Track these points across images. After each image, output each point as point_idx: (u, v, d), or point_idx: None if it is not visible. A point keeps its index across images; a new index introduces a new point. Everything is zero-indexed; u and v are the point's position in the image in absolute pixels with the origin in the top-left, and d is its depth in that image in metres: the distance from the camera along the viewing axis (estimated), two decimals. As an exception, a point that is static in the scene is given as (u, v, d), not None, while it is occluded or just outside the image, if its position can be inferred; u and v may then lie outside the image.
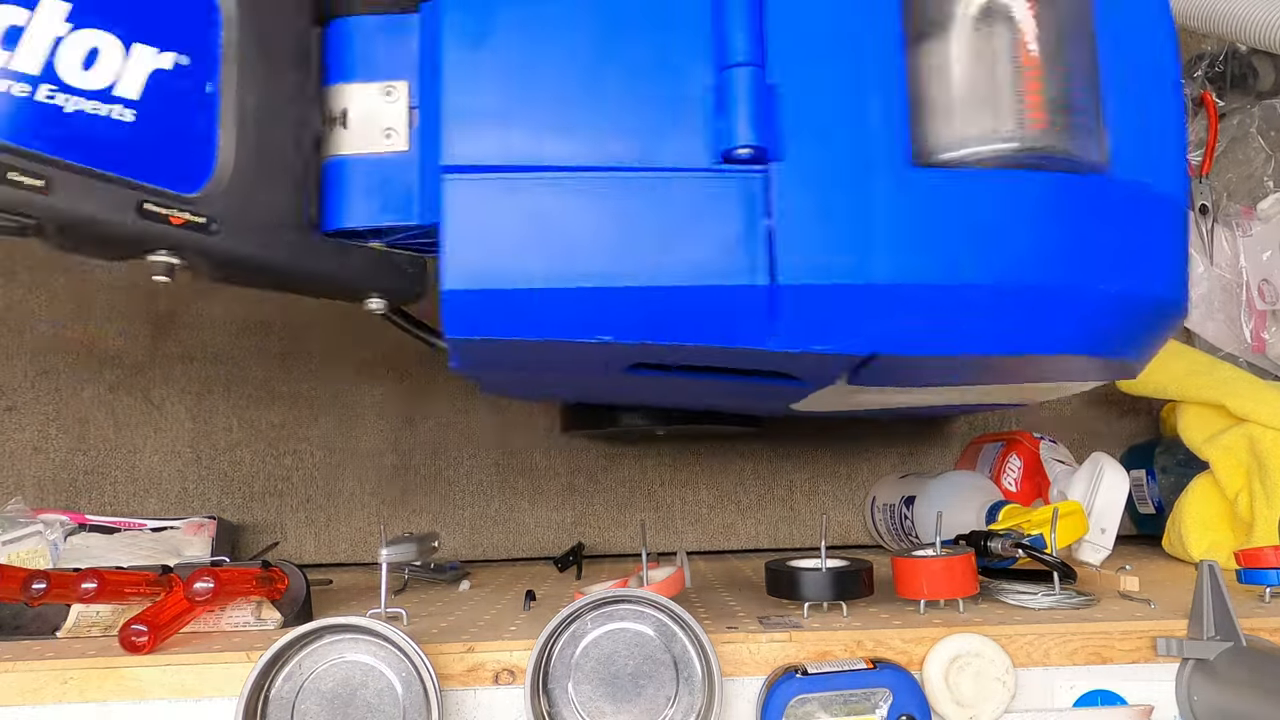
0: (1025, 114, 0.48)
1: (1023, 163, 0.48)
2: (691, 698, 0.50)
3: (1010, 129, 0.48)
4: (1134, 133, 0.51)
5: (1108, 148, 0.50)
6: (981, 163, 0.48)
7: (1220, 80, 1.04)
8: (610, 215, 0.47)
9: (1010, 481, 0.87)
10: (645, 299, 0.47)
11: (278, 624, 0.60)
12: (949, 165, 0.48)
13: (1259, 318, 0.99)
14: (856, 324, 0.48)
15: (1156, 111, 0.52)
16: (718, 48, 0.48)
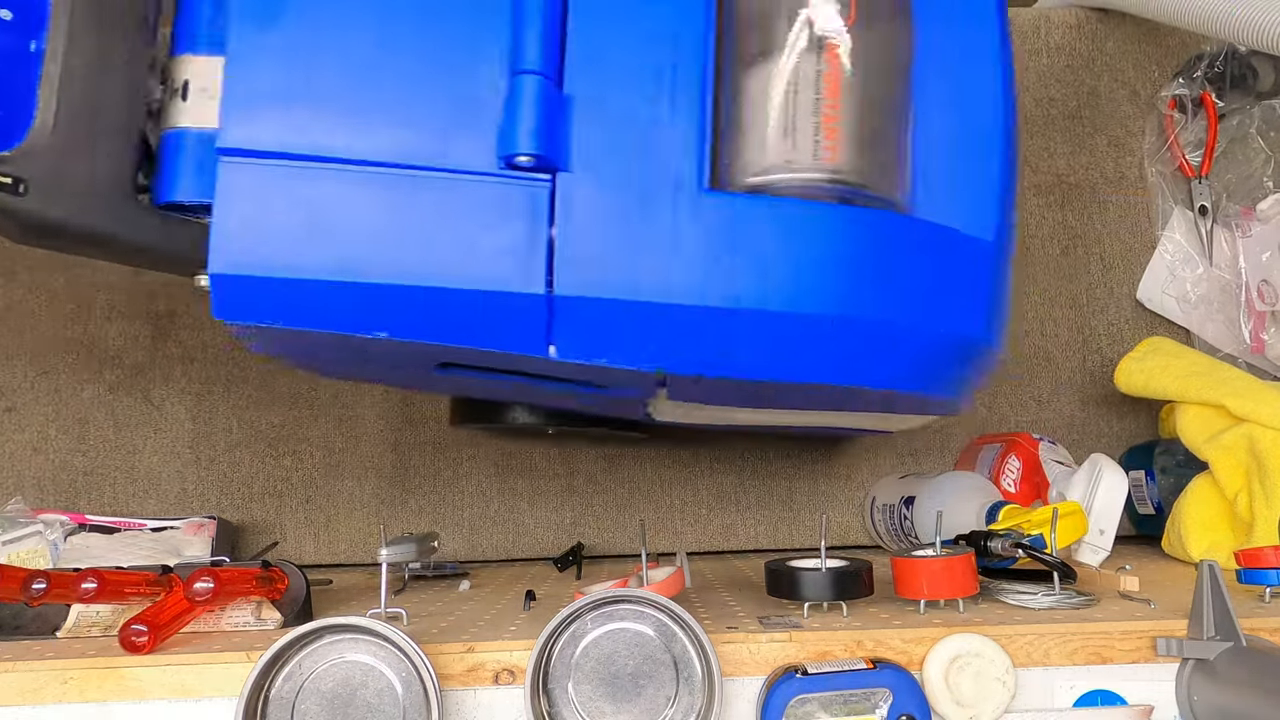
0: (821, 146, 0.48)
1: (815, 194, 0.48)
2: (691, 698, 0.50)
3: (805, 160, 0.48)
4: (944, 176, 0.51)
5: (909, 188, 0.51)
6: (777, 191, 0.48)
7: (1220, 81, 1.04)
8: (390, 211, 0.47)
9: (1009, 482, 0.87)
10: (423, 298, 0.47)
11: (278, 624, 0.60)
12: (751, 190, 0.49)
13: (1258, 318, 0.99)
14: (637, 340, 0.48)
15: (974, 158, 0.52)
16: (512, 53, 0.48)
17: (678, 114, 0.48)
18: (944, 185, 0.51)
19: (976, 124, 0.52)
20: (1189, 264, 1.02)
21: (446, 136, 0.48)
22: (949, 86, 0.52)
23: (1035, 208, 1.04)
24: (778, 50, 0.49)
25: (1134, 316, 1.03)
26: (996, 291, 0.53)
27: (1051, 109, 1.06)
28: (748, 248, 0.47)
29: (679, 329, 0.47)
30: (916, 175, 0.51)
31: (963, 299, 0.51)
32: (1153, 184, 1.04)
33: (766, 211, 0.47)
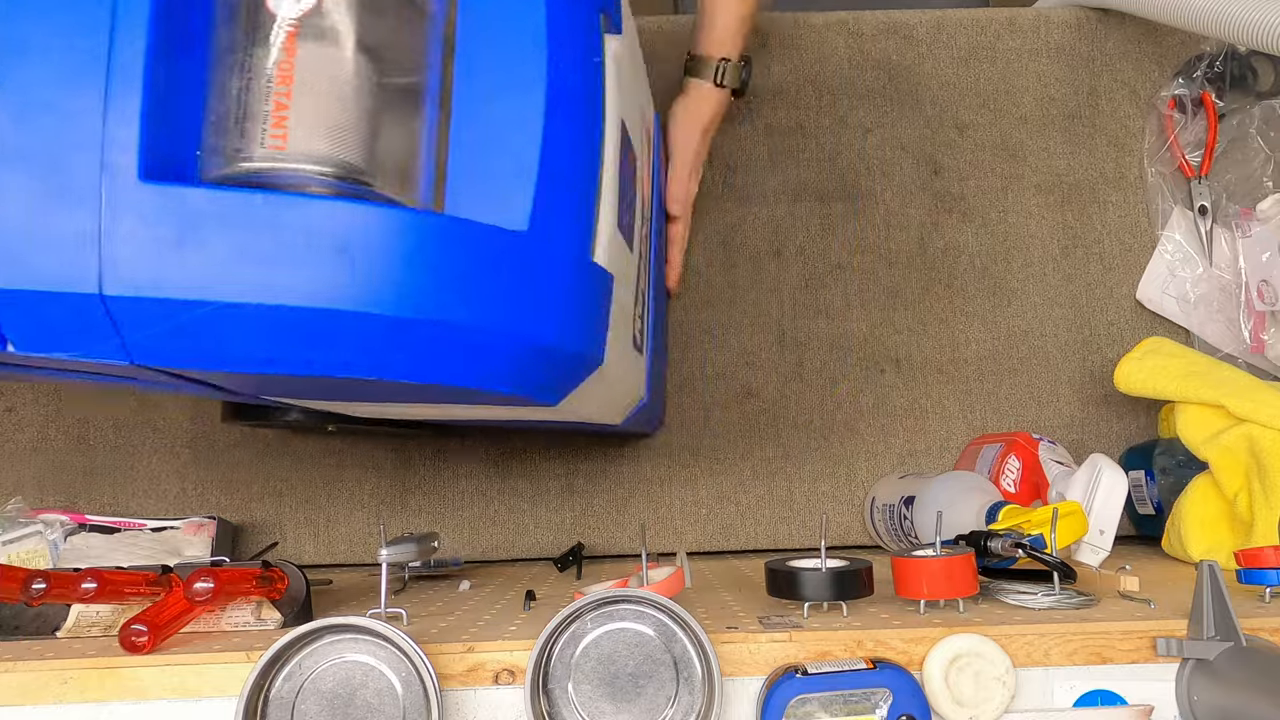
0: (268, 135, 0.47)
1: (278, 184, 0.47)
2: (691, 698, 0.50)
3: (255, 149, 0.47)
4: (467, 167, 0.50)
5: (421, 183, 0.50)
6: (238, 181, 0.47)
7: (1220, 81, 1.04)
8: None
9: (1009, 482, 0.87)
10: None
11: (278, 624, 0.60)
12: (221, 182, 0.47)
13: (1258, 319, 0.99)
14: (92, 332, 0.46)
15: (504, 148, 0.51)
16: None
17: (112, 103, 0.45)
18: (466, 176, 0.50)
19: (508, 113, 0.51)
20: (1189, 264, 1.02)
21: None
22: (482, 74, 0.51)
23: (1035, 208, 1.05)
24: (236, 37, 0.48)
25: (1134, 316, 1.03)
26: (546, 282, 0.52)
27: (1051, 109, 1.06)
28: (200, 237, 0.45)
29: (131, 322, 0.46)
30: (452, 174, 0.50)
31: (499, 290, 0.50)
32: (1153, 184, 1.04)
33: (210, 200, 0.45)
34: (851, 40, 1.07)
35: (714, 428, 1.00)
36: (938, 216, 1.04)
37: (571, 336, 0.53)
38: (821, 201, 1.04)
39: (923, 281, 1.03)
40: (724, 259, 1.03)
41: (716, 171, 1.04)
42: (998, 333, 1.03)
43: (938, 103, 1.06)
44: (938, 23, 1.08)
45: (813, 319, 1.02)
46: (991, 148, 1.05)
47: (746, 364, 1.01)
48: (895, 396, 1.01)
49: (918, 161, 1.05)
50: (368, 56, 0.49)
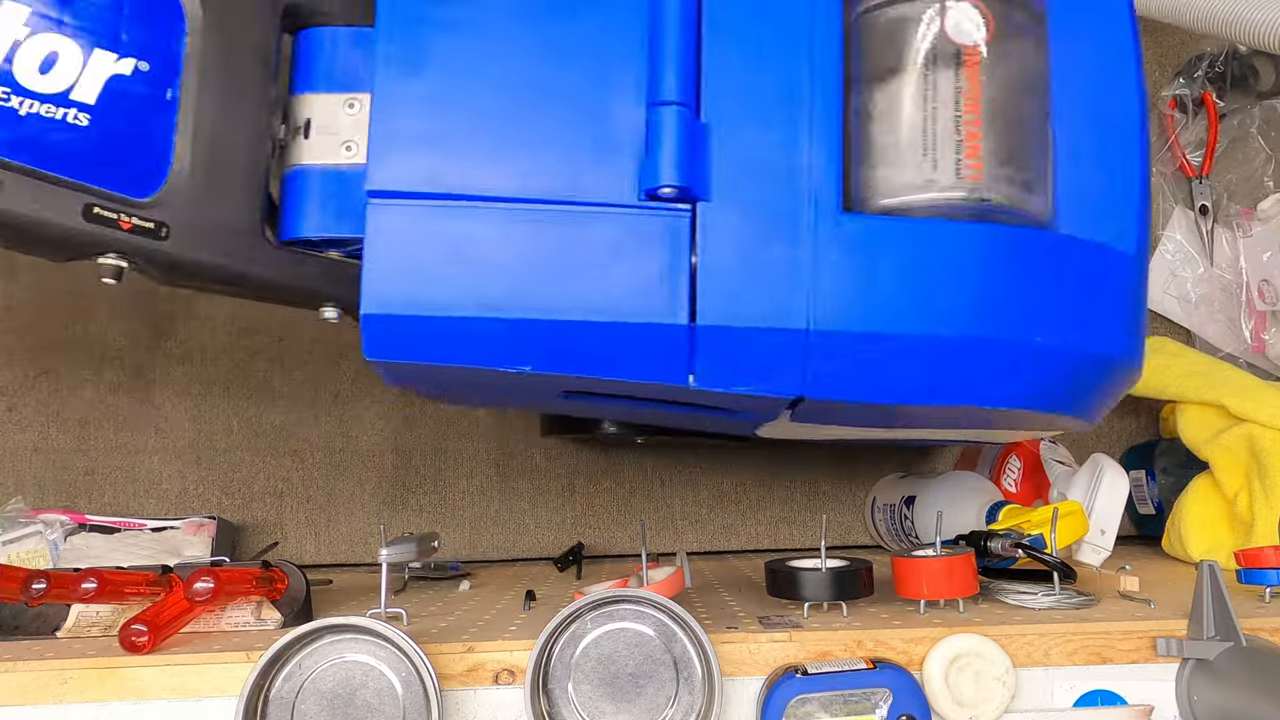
0: (962, 164, 0.48)
1: (958, 213, 0.48)
2: (691, 698, 0.50)
3: (947, 179, 0.48)
4: (1085, 188, 0.50)
5: (1053, 202, 0.50)
6: (916, 212, 0.48)
7: (1220, 81, 1.04)
8: (533, 247, 0.47)
9: (1010, 482, 0.87)
10: (566, 332, 0.47)
11: (278, 624, 0.60)
12: (885, 212, 0.48)
13: (1259, 318, 0.99)
14: (779, 367, 0.48)
15: (1113, 168, 0.51)
16: (650, 85, 0.48)
17: (814, 137, 0.47)
18: (1085, 199, 0.50)
19: (1114, 135, 0.52)
20: (1190, 264, 1.02)
21: (587, 171, 0.48)
22: (1086, 97, 0.51)
23: (1036, 208, 1.04)
24: (912, 67, 0.49)
25: (1134, 316, 1.03)
26: (1137, 306, 0.53)
27: (1052, 109, 1.06)
28: (890, 271, 0.46)
29: (820, 355, 0.47)
30: (1058, 190, 0.50)
31: (1107, 315, 0.50)
32: (1153, 184, 1.04)
33: (910, 233, 0.47)
34: (852, 40, 1.07)
35: (714, 428, 1.00)
36: (938, 216, 1.04)
37: (1138, 354, 0.53)
38: (822, 201, 1.04)
39: (923, 281, 1.03)
40: (724, 259, 1.03)
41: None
42: (998, 333, 1.02)
43: (938, 102, 1.06)
44: (938, 22, 1.07)
45: (813, 319, 1.02)
46: (992, 147, 1.05)
47: (747, 364, 1.01)
48: (895, 396, 1.01)
49: (918, 161, 1.05)
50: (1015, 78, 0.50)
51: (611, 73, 0.49)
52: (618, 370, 0.48)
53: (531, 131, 0.48)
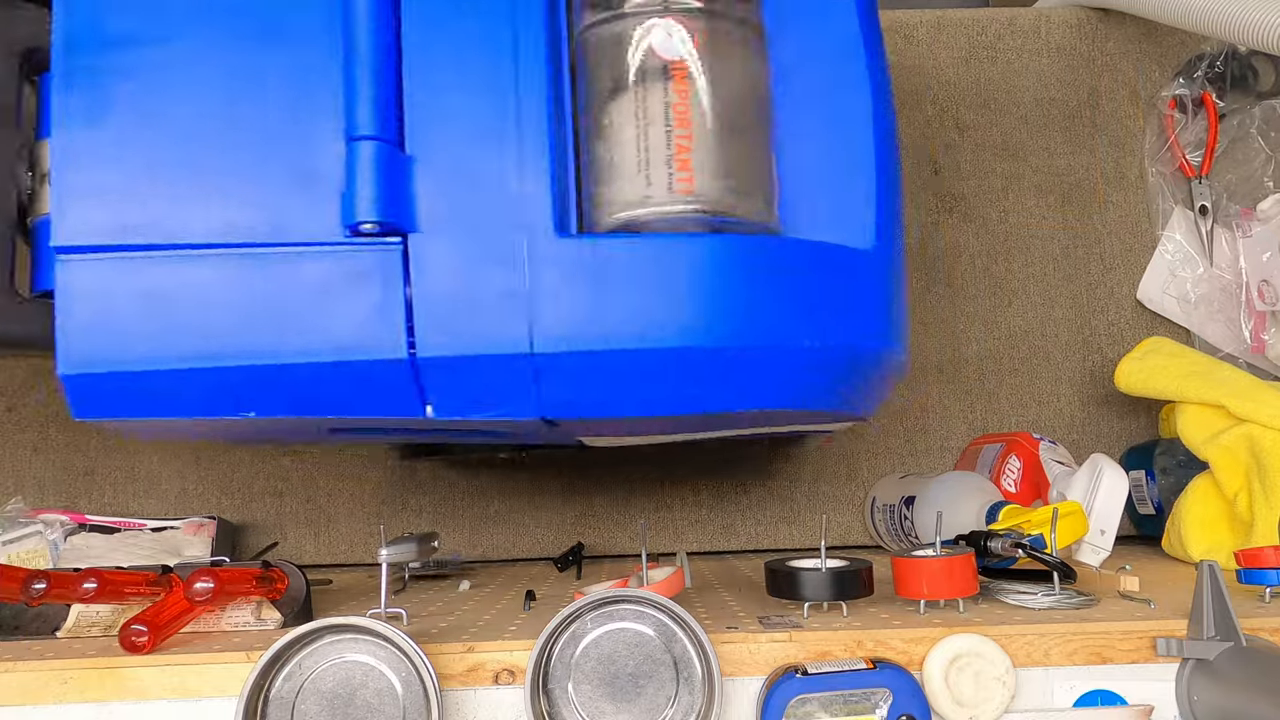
0: (675, 178, 0.47)
1: (682, 225, 0.47)
2: (691, 698, 0.50)
3: (661, 194, 0.48)
4: (814, 191, 0.50)
5: (780, 207, 0.50)
6: (643, 227, 0.48)
7: (1220, 81, 1.04)
8: (240, 292, 0.46)
9: (1010, 482, 0.87)
10: (286, 375, 0.46)
11: (278, 624, 0.60)
12: (616, 229, 0.48)
13: (1259, 319, 0.99)
14: (512, 392, 0.47)
15: (844, 169, 0.51)
16: (348, 119, 0.47)
17: (526, 161, 0.47)
18: (815, 202, 0.50)
19: (845, 137, 0.51)
20: (1189, 264, 1.02)
21: (288, 210, 0.47)
22: (812, 102, 0.51)
23: (1035, 208, 1.05)
24: (625, 84, 0.48)
25: (1134, 316, 1.03)
26: (885, 299, 0.52)
27: (1051, 109, 1.06)
28: (615, 288, 0.46)
29: (551, 377, 0.46)
30: (785, 195, 0.50)
31: (850, 311, 0.50)
32: (1153, 184, 1.04)
33: (626, 249, 0.46)
34: (852, 40, 1.07)
35: (714, 428, 1.00)
36: (938, 216, 1.04)
37: (898, 348, 0.53)
38: (822, 201, 1.04)
39: (923, 281, 1.03)
40: (724, 259, 1.03)
41: (717, 171, 1.04)
42: (998, 333, 1.03)
43: (938, 103, 1.06)
44: (938, 23, 1.08)
45: (813, 319, 1.02)
46: (991, 148, 1.05)
47: (747, 364, 1.01)
48: (895, 396, 1.01)
49: (918, 161, 1.05)
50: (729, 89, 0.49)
51: (309, 108, 0.47)
52: (349, 408, 0.48)
53: (229, 173, 0.47)
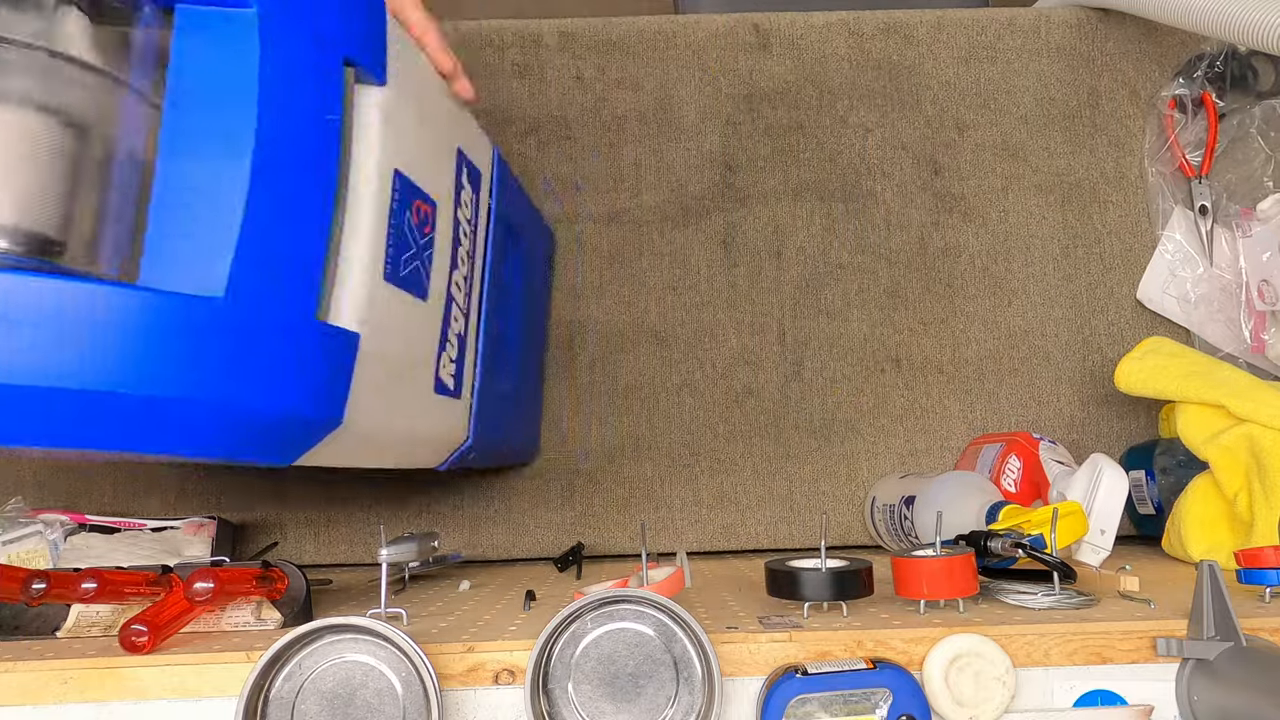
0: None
1: None
2: (691, 698, 0.50)
3: None
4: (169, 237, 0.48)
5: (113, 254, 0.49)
6: None
7: (1220, 81, 1.04)
8: None
9: (1010, 482, 0.87)
10: None
11: (278, 624, 0.60)
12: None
13: (1258, 318, 0.99)
14: None
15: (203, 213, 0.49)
16: None
17: None
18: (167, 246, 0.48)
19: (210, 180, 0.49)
20: (1189, 264, 1.02)
21: None
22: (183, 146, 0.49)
23: (1035, 208, 1.05)
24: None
25: (1134, 316, 1.03)
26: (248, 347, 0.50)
27: (1051, 109, 1.06)
28: None
29: None
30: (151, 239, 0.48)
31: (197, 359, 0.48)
32: (1153, 184, 1.04)
33: None
34: (851, 40, 1.07)
35: (714, 428, 1.00)
36: (938, 216, 1.04)
37: (290, 399, 0.51)
38: (822, 201, 1.04)
39: (923, 281, 1.03)
40: (724, 259, 1.03)
41: (716, 171, 1.04)
42: (998, 333, 1.03)
43: (938, 103, 1.06)
44: (938, 23, 1.08)
45: (813, 319, 1.02)
46: (991, 148, 1.05)
47: (746, 364, 1.01)
48: (895, 396, 1.01)
49: (918, 161, 1.05)
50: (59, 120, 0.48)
51: None
52: None
53: None
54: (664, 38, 1.06)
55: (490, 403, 0.78)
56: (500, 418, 0.83)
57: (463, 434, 0.73)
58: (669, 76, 1.06)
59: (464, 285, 0.70)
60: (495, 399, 0.80)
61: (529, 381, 0.93)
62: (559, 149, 1.04)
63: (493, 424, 0.80)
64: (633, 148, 1.04)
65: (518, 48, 1.06)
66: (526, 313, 0.90)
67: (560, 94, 1.05)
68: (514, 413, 0.87)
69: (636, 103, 1.05)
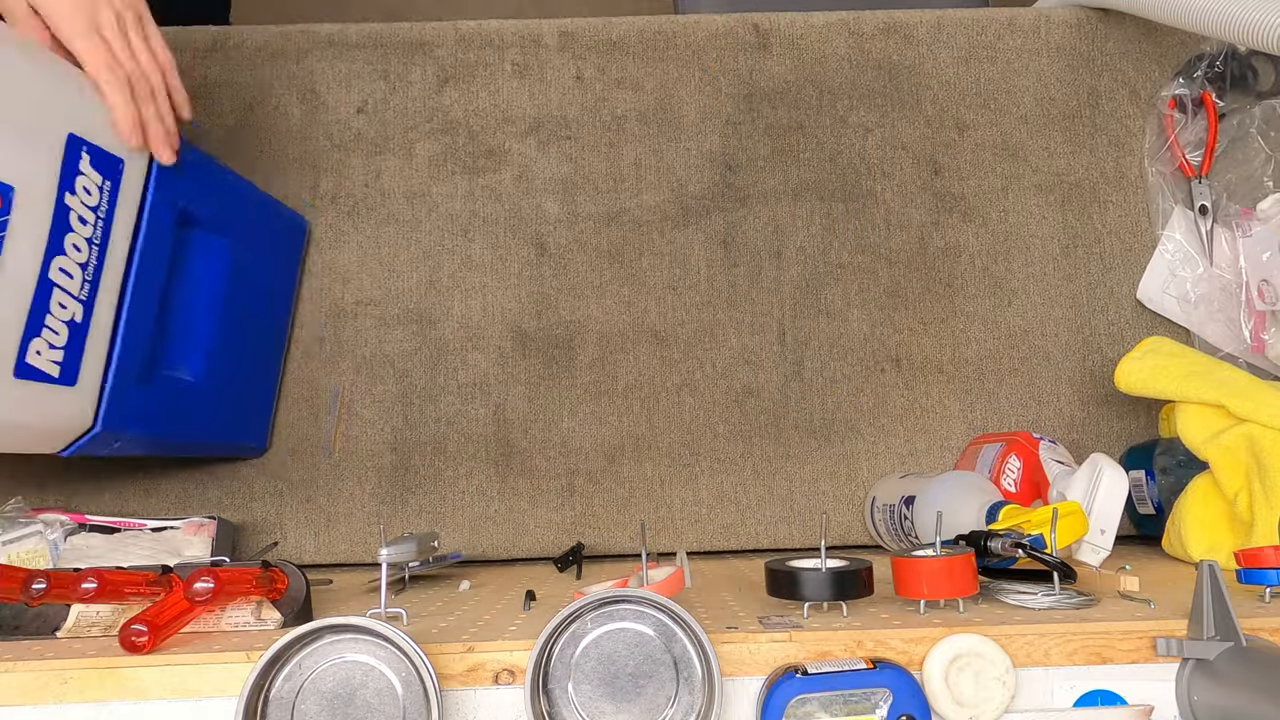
0: None
1: None
2: (691, 698, 0.50)
3: None
4: None
5: None
6: None
7: (1220, 80, 1.04)
8: None
9: (1010, 482, 0.87)
10: None
11: (278, 624, 0.60)
12: None
13: (1258, 318, 0.99)
14: None
15: None
16: None
17: None
18: None
19: None
20: (1189, 264, 1.02)
21: None
22: None
23: (1035, 207, 1.05)
24: None
25: (1134, 316, 1.03)
26: None
27: (1051, 109, 1.06)
28: None
29: None
30: None
31: None
32: (1153, 184, 1.04)
33: None
34: (851, 40, 1.07)
35: (714, 428, 1.00)
36: (938, 216, 1.04)
37: None
38: (821, 201, 1.04)
39: (923, 281, 1.03)
40: (724, 259, 1.03)
41: (716, 171, 1.04)
42: (998, 333, 1.03)
43: (938, 103, 1.06)
44: (938, 23, 1.08)
45: (813, 319, 1.02)
46: (991, 148, 1.05)
47: (746, 364, 1.01)
48: (895, 396, 1.01)
49: (918, 161, 1.05)
50: None
51: None
52: None
53: None
54: (664, 38, 1.06)
55: (147, 393, 0.79)
56: (176, 409, 0.83)
57: (86, 422, 0.73)
58: (669, 76, 1.06)
59: (82, 272, 0.70)
60: (163, 389, 0.81)
61: (238, 374, 0.92)
62: (559, 149, 1.04)
63: (158, 415, 0.81)
64: (633, 148, 1.04)
65: (518, 48, 1.06)
66: (235, 306, 0.89)
67: (560, 94, 1.05)
68: (207, 405, 0.87)
69: (636, 103, 1.05)
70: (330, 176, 1.03)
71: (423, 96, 1.04)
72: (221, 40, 1.04)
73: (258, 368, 0.96)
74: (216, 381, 0.88)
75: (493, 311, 1.01)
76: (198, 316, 0.85)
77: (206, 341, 0.86)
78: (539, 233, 1.03)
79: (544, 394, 1.00)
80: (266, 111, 1.03)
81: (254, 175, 1.02)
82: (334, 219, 1.02)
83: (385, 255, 1.02)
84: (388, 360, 1.00)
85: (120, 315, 0.75)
